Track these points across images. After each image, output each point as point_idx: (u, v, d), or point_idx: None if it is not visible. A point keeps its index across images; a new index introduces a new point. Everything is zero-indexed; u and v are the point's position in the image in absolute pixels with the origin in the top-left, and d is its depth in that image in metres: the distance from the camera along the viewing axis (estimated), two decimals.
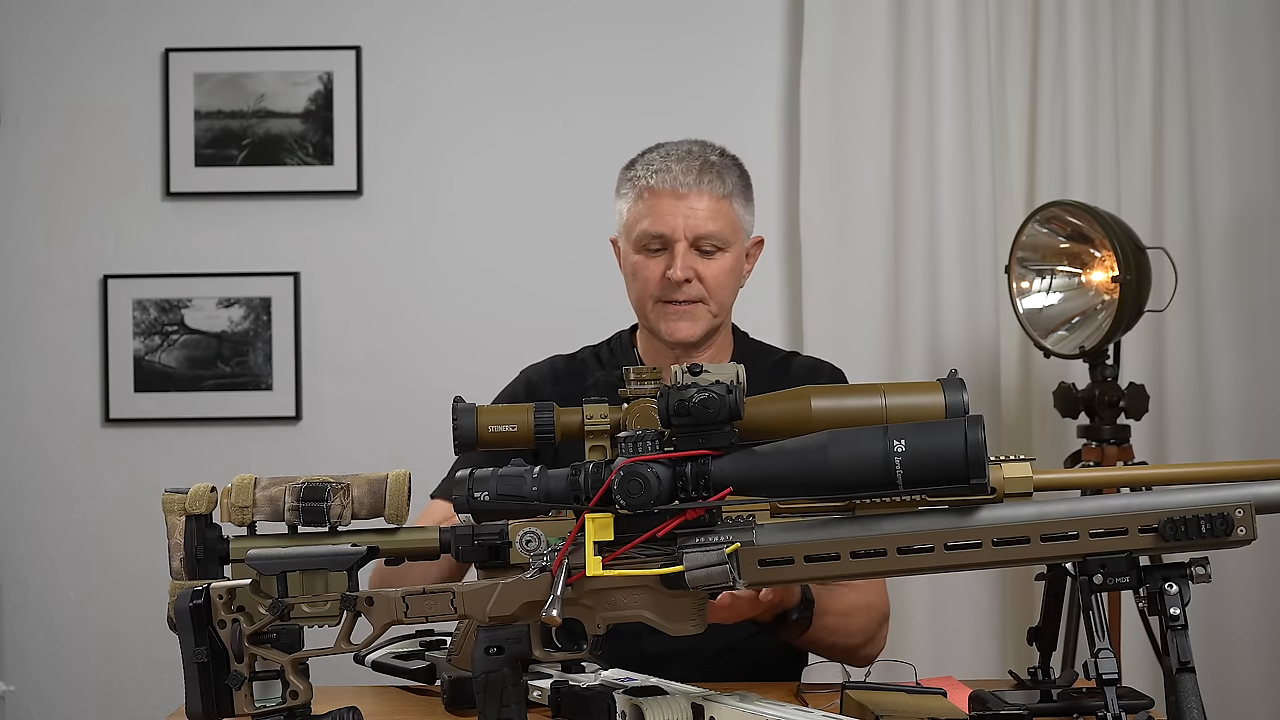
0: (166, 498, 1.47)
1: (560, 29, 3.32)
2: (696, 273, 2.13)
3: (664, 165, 2.15)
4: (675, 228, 2.13)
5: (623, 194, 2.21)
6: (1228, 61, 3.23)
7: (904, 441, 1.28)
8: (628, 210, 2.19)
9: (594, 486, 1.35)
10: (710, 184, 2.14)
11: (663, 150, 2.19)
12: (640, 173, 2.18)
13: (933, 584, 3.04)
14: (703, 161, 2.16)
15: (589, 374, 2.24)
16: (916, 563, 1.34)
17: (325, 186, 3.29)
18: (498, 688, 1.38)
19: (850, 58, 3.21)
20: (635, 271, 2.18)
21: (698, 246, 2.14)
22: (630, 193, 2.18)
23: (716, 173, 2.16)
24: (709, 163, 2.16)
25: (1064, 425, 3.06)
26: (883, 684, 1.72)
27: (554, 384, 2.22)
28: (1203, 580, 1.32)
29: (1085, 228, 2.86)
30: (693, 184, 2.13)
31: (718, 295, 2.16)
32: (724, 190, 2.15)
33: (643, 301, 2.18)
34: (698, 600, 1.38)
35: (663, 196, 2.13)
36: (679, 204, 2.13)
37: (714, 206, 2.14)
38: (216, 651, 1.39)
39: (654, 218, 2.14)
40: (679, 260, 2.12)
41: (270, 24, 3.31)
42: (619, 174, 2.24)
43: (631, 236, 2.17)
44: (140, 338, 3.28)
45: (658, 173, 2.15)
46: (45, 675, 3.29)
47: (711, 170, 2.15)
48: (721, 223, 2.15)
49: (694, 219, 2.13)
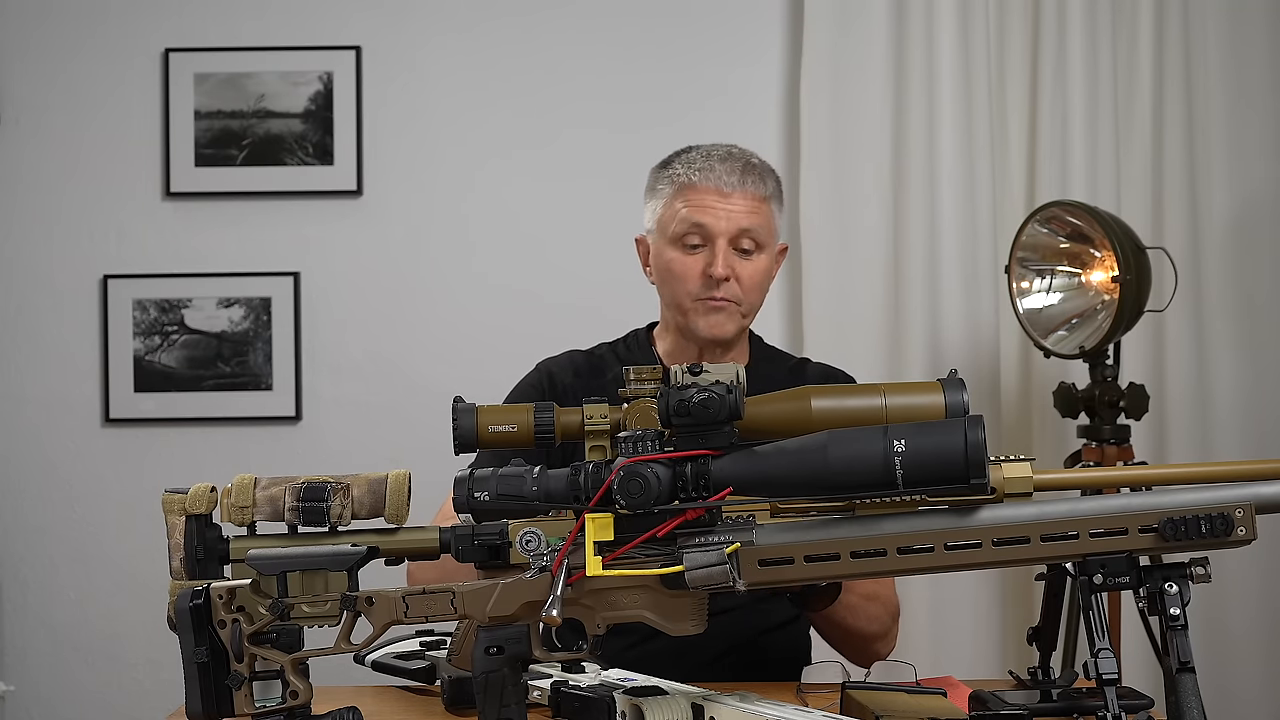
0: (166, 498, 1.47)
1: (560, 29, 3.32)
2: (734, 271, 2.13)
3: (707, 164, 2.14)
4: (718, 221, 2.12)
5: (658, 190, 2.19)
6: (1228, 61, 3.23)
7: (904, 441, 1.28)
8: (663, 207, 2.17)
9: (594, 486, 1.35)
10: (753, 184, 2.14)
11: (702, 151, 2.18)
12: (680, 170, 2.16)
13: (933, 584, 3.04)
14: (745, 163, 2.16)
15: (608, 369, 2.22)
16: (916, 563, 1.34)
17: (325, 186, 3.30)
18: (498, 688, 1.38)
19: (850, 59, 3.21)
20: (671, 268, 2.15)
21: (737, 245, 2.13)
22: (668, 189, 2.17)
23: (758, 174, 2.16)
24: (751, 164, 2.17)
25: (1064, 425, 3.06)
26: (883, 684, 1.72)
27: (575, 376, 2.20)
28: (1203, 580, 1.32)
29: (1085, 228, 2.86)
30: (736, 184, 2.13)
31: (750, 297, 2.16)
32: (765, 191, 2.16)
33: (680, 299, 2.16)
34: (698, 600, 1.38)
35: (706, 193, 2.13)
36: (723, 201, 2.12)
37: (755, 205, 2.14)
38: (216, 651, 1.39)
39: (695, 209, 2.13)
40: (720, 257, 2.11)
41: (270, 24, 3.31)
42: (651, 173, 2.22)
43: (668, 232, 2.15)
44: (140, 338, 3.28)
45: (700, 170, 2.14)
46: (45, 675, 3.29)
47: (754, 172, 2.16)
48: (760, 221, 2.14)
49: (736, 216, 2.12)
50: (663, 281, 2.18)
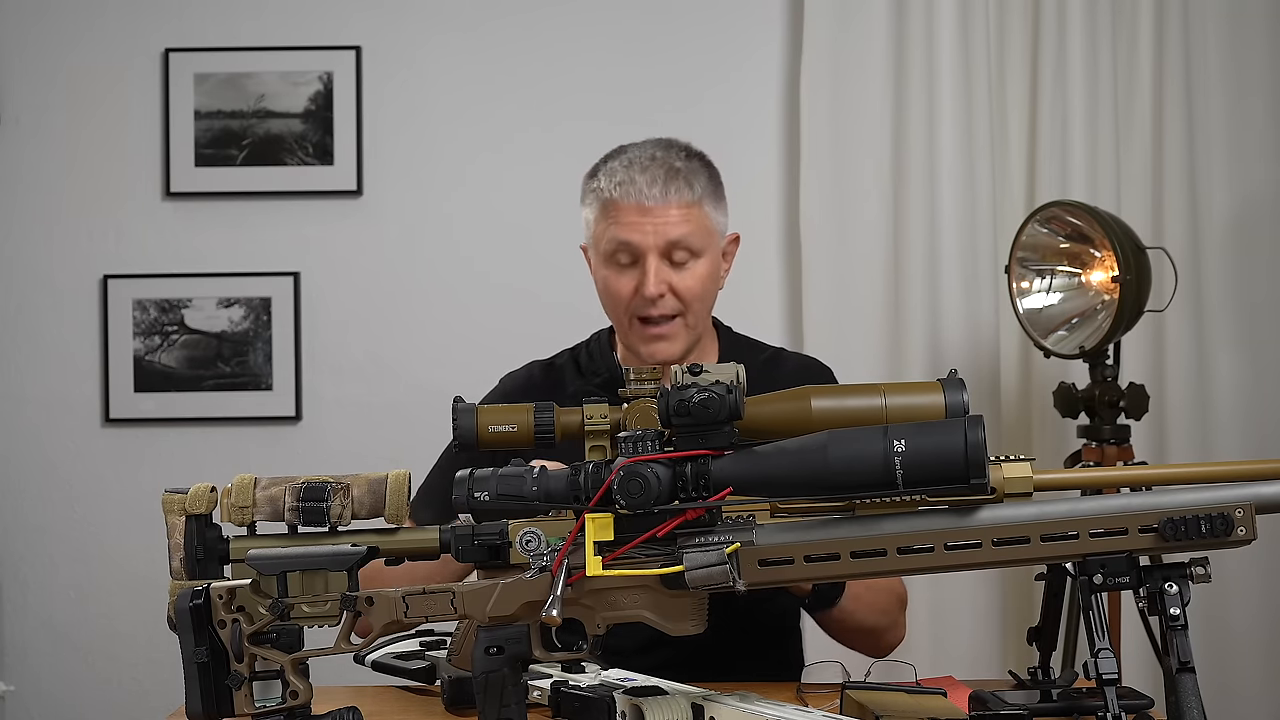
0: (166, 498, 1.47)
1: (560, 29, 3.32)
2: (670, 285, 2.04)
3: (627, 176, 2.04)
4: (644, 241, 2.03)
5: (587, 203, 2.11)
6: (1228, 62, 3.23)
7: (904, 441, 1.28)
8: (593, 222, 2.09)
9: (594, 486, 1.35)
10: (678, 193, 2.03)
11: (625, 158, 2.07)
12: (603, 183, 2.07)
13: (933, 584, 3.04)
14: (667, 169, 2.04)
15: (567, 384, 2.17)
16: (916, 563, 1.34)
17: (325, 186, 3.30)
18: (498, 688, 1.38)
19: (850, 58, 3.21)
20: (606, 286, 2.09)
21: (669, 257, 2.04)
22: (595, 204, 2.08)
23: (683, 179, 2.04)
24: (674, 169, 2.05)
25: (1064, 425, 3.06)
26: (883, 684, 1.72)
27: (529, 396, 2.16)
28: (1203, 580, 1.32)
29: (1085, 228, 2.86)
30: (659, 196, 2.02)
31: (694, 307, 2.07)
32: (692, 197, 2.04)
33: (618, 318, 2.10)
34: (698, 600, 1.38)
35: (627, 211, 2.04)
36: (646, 218, 2.02)
37: (682, 214, 2.03)
38: (216, 651, 1.39)
39: (620, 230, 2.04)
40: (651, 275, 2.03)
41: (270, 24, 3.31)
42: (582, 181, 2.13)
43: (600, 249, 2.08)
44: (140, 338, 3.28)
45: (621, 184, 2.04)
46: (45, 675, 3.29)
47: (678, 178, 2.04)
48: (692, 227, 2.04)
49: (662, 229, 2.03)
50: (601, 298, 2.13)
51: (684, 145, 2.13)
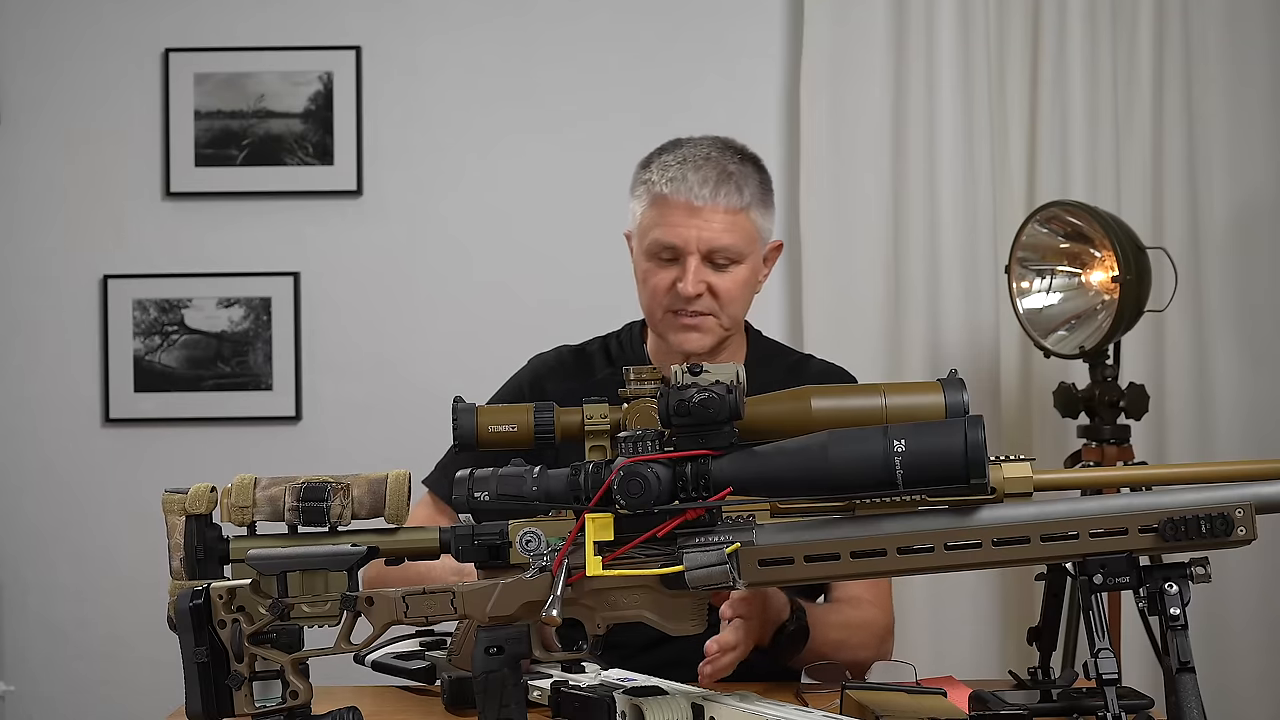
0: (166, 498, 1.47)
1: (560, 29, 3.32)
2: (709, 285, 2.05)
3: (680, 173, 2.04)
4: (688, 240, 2.04)
5: (636, 195, 2.11)
6: (1228, 61, 3.23)
7: (904, 441, 1.28)
8: (640, 214, 2.10)
9: (594, 486, 1.35)
10: (727, 196, 2.04)
11: (680, 153, 2.08)
12: (655, 177, 2.07)
13: (933, 584, 3.04)
14: (720, 171, 2.05)
15: (596, 369, 2.19)
16: (916, 563, 1.34)
17: (325, 186, 3.30)
18: (498, 688, 1.38)
19: (850, 58, 3.21)
20: (645, 278, 2.10)
21: (711, 260, 2.05)
22: (644, 196, 2.09)
23: (734, 184, 2.05)
24: (726, 172, 2.05)
25: (1064, 425, 3.06)
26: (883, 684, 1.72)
27: (561, 378, 2.17)
28: (1203, 580, 1.32)
29: (1085, 228, 2.86)
30: (708, 197, 2.03)
31: (729, 308, 2.08)
32: (741, 202, 2.05)
33: (652, 310, 2.11)
34: (698, 600, 1.38)
35: (676, 208, 2.04)
36: (692, 218, 2.03)
37: (729, 220, 2.04)
38: (216, 651, 1.39)
39: (666, 228, 2.04)
40: (690, 275, 2.03)
41: (270, 24, 3.31)
42: (635, 169, 2.14)
43: (644, 242, 2.09)
44: (140, 338, 3.28)
45: (672, 180, 2.04)
46: (45, 675, 3.29)
47: (729, 181, 2.05)
48: (737, 236, 2.05)
49: (707, 232, 2.03)
50: (639, 287, 2.14)
51: (740, 147, 2.13)
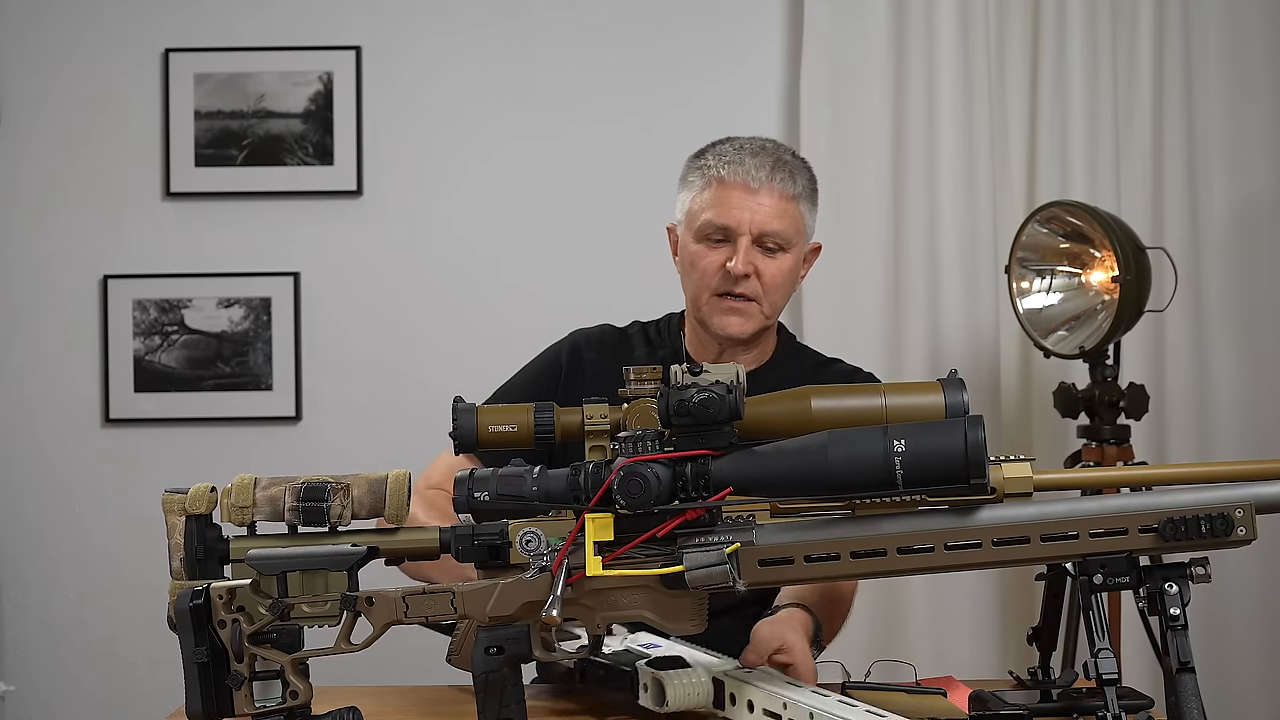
0: (166, 498, 1.47)
1: (560, 29, 3.32)
2: (756, 269, 2.09)
3: (737, 157, 2.10)
4: (741, 221, 2.08)
5: (690, 182, 2.15)
6: (1228, 62, 3.23)
7: (904, 441, 1.28)
8: (693, 199, 2.14)
9: (594, 486, 1.35)
10: (782, 181, 2.10)
11: (736, 143, 2.14)
12: (711, 162, 2.12)
13: (933, 584, 3.04)
14: (776, 159, 2.12)
15: (635, 348, 2.22)
16: (916, 563, 1.34)
17: (325, 186, 3.30)
18: (498, 688, 1.38)
19: (850, 58, 3.21)
20: (694, 261, 2.12)
21: (760, 243, 2.09)
22: (698, 181, 2.13)
23: (789, 171, 2.12)
24: (782, 160, 2.12)
25: (1064, 425, 3.06)
26: (883, 684, 1.72)
27: (599, 350, 2.20)
28: (1203, 580, 1.32)
29: (1085, 228, 2.86)
30: (764, 180, 2.09)
31: (772, 295, 2.12)
32: (794, 190, 2.11)
33: (699, 293, 2.13)
34: (698, 600, 1.38)
35: (733, 188, 2.09)
36: (748, 198, 2.08)
37: (782, 205, 2.10)
38: (216, 651, 1.39)
39: (720, 208, 2.09)
40: (741, 254, 2.07)
41: (270, 24, 3.31)
42: (686, 162, 2.18)
43: (694, 225, 2.12)
44: (140, 338, 3.28)
45: (730, 164, 2.10)
46: (45, 675, 3.29)
47: (784, 168, 2.11)
48: (787, 222, 2.10)
49: (760, 214, 2.08)
50: (685, 273, 2.16)
51: (790, 148, 2.20)
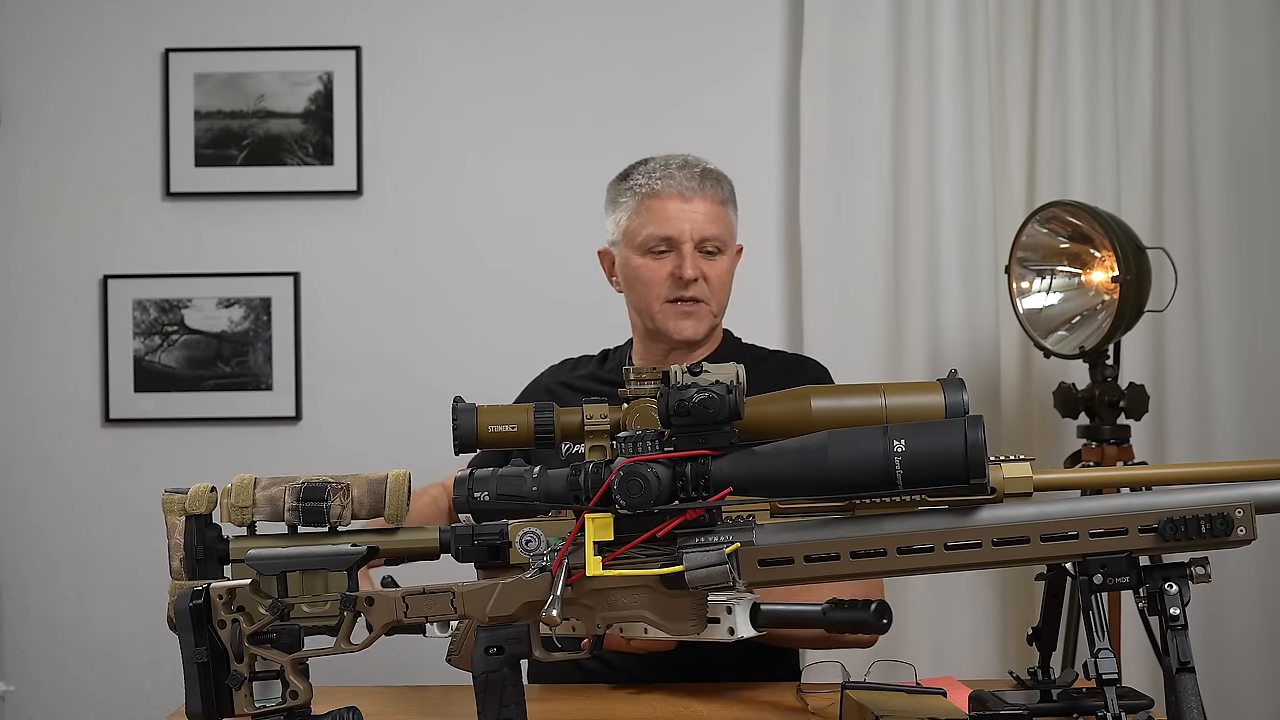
0: (166, 498, 1.47)
1: (560, 28, 3.32)
2: (702, 273, 2.23)
3: (666, 172, 2.25)
4: (682, 229, 2.23)
5: (621, 203, 2.29)
6: (1227, 62, 3.23)
7: (904, 441, 1.28)
8: (628, 218, 2.27)
9: (594, 486, 1.35)
10: (712, 188, 2.25)
11: (660, 160, 2.29)
12: (642, 180, 2.27)
13: (933, 584, 3.04)
14: (702, 169, 2.27)
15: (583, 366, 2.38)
16: (916, 563, 1.34)
17: (325, 186, 3.30)
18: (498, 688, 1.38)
19: (850, 58, 3.21)
20: (639, 275, 2.26)
21: (701, 248, 2.24)
22: (630, 201, 2.27)
23: (715, 179, 2.27)
24: (708, 170, 2.28)
25: (1064, 425, 3.06)
26: (883, 684, 1.72)
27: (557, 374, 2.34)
28: (1203, 580, 1.32)
29: (1085, 228, 2.86)
30: (696, 189, 2.24)
31: (718, 295, 2.26)
32: (722, 195, 2.27)
33: (649, 303, 2.26)
34: (697, 600, 1.38)
35: (669, 200, 2.24)
36: (685, 207, 2.23)
37: (715, 210, 2.25)
38: (216, 651, 1.39)
39: (661, 221, 2.23)
40: (688, 259, 2.22)
41: (270, 24, 3.31)
42: (610, 186, 2.32)
43: (636, 241, 2.26)
44: (140, 338, 3.28)
45: (662, 179, 2.25)
46: (45, 675, 3.29)
47: (711, 177, 2.27)
48: (722, 225, 2.26)
49: (698, 221, 2.23)
50: (631, 288, 2.29)
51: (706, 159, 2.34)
